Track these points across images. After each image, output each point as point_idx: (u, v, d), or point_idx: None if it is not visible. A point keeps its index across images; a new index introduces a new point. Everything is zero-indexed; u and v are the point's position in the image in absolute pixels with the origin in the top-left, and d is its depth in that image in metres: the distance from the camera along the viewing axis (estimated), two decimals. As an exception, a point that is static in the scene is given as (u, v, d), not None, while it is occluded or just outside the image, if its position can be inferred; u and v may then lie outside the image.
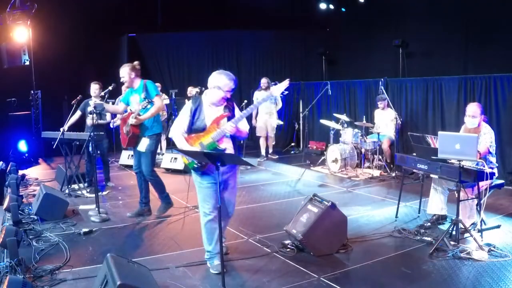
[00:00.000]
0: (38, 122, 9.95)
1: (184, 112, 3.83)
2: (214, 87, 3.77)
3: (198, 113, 3.79)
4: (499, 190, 5.28)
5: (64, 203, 5.45)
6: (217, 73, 3.82)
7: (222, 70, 3.85)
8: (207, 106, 3.82)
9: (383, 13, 10.12)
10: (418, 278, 3.68)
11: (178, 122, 3.83)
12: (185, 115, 3.81)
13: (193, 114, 3.79)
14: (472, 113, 4.69)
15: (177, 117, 3.91)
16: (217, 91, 3.76)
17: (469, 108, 4.75)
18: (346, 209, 5.45)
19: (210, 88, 3.81)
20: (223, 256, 3.43)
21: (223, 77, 3.77)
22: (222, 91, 3.76)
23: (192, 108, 3.81)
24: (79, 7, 9.91)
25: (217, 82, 3.77)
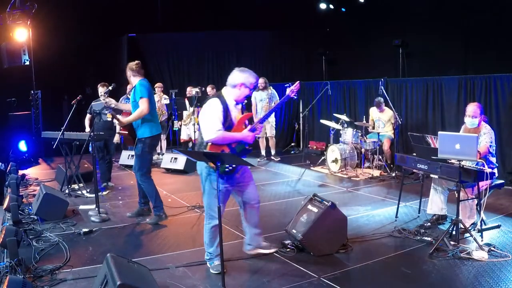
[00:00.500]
0: (38, 122, 9.95)
1: (214, 112, 3.66)
2: (240, 84, 3.72)
3: (226, 113, 3.71)
4: (499, 190, 5.29)
5: (64, 203, 5.45)
6: (241, 71, 3.76)
7: (244, 68, 3.81)
8: (232, 106, 3.77)
9: (383, 13, 10.12)
10: (418, 278, 3.68)
11: (212, 123, 3.63)
12: (217, 115, 3.66)
13: (223, 114, 3.69)
14: (472, 113, 4.69)
15: (206, 119, 3.68)
16: (244, 89, 3.73)
17: (469, 108, 4.75)
18: (346, 209, 5.45)
19: (234, 85, 3.74)
20: (223, 256, 3.42)
21: (247, 74, 3.74)
22: (248, 88, 3.74)
23: (222, 108, 3.68)
24: (79, 7, 9.92)
25: (242, 79, 3.72)
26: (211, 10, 11.86)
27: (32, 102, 9.85)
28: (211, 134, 3.63)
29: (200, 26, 11.76)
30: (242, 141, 3.78)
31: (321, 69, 12.16)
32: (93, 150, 5.67)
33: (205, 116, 3.70)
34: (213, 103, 3.71)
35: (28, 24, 8.88)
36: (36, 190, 6.42)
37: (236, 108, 3.80)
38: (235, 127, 3.76)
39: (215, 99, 3.73)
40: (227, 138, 3.69)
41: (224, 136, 3.66)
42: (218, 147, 3.69)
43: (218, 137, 3.64)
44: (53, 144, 6.43)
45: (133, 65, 5.26)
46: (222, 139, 3.66)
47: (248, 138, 3.76)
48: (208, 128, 3.65)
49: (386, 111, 7.94)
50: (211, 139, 3.65)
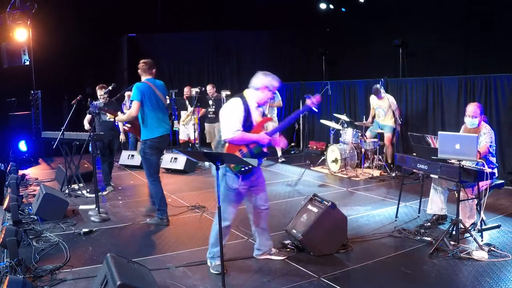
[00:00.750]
0: (38, 122, 9.95)
1: (235, 112, 3.68)
2: (264, 87, 3.75)
3: (247, 114, 3.72)
4: (499, 190, 5.29)
5: (64, 203, 5.45)
6: (264, 74, 3.79)
7: (267, 71, 3.84)
8: (254, 108, 3.79)
9: (383, 13, 10.12)
10: (418, 278, 3.68)
11: (232, 123, 3.65)
12: (237, 115, 3.67)
13: (244, 115, 3.70)
14: (471, 113, 4.69)
15: (225, 119, 3.71)
16: (267, 92, 3.77)
17: (468, 108, 4.75)
18: (346, 209, 5.45)
19: (257, 88, 3.76)
20: (223, 256, 3.42)
21: (271, 78, 3.78)
22: (271, 92, 3.79)
23: (243, 108, 3.70)
24: (79, 7, 9.92)
25: (266, 82, 3.75)
26: (211, 10, 11.86)
27: (32, 102, 9.86)
28: (229, 133, 3.65)
29: (200, 26, 11.76)
30: (259, 143, 3.78)
31: (321, 69, 12.16)
32: (93, 150, 5.66)
33: (225, 115, 3.73)
34: (234, 103, 3.74)
35: (28, 24, 8.88)
36: (36, 190, 6.42)
37: (257, 111, 3.83)
38: (254, 129, 3.78)
39: (237, 99, 3.76)
40: (245, 139, 3.71)
41: (242, 136, 3.68)
42: (236, 146, 3.71)
43: (236, 137, 3.66)
44: (53, 144, 6.42)
45: (140, 64, 5.20)
46: (240, 139, 3.68)
47: (264, 140, 3.76)
48: (227, 127, 3.67)
49: (386, 98, 7.88)
50: (229, 138, 3.67)
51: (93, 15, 10.14)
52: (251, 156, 3.74)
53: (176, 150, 7.01)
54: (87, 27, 10.17)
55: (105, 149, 6.77)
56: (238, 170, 3.69)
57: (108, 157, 6.88)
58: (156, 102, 5.11)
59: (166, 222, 5.19)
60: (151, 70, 5.20)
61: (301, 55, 12.53)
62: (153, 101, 5.08)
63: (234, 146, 3.71)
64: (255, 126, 3.79)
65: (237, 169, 3.68)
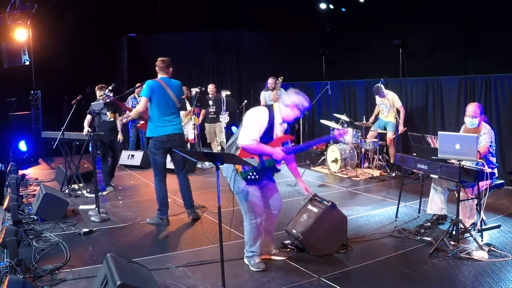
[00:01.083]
0: (38, 122, 9.95)
1: (258, 121, 3.70)
2: (293, 105, 3.75)
3: (270, 127, 3.75)
4: (499, 190, 5.29)
5: (64, 203, 5.45)
6: (296, 92, 3.80)
7: (299, 90, 3.84)
8: (278, 122, 3.80)
9: (383, 13, 10.11)
10: (418, 278, 3.68)
11: (251, 131, 3.68)
12: (259, 125, 3.70)
13: (267, 127, 3.73)
14: (471, 113, 4.68)
15: (247, 125, 3.71)
16: (296, 110, 3.78)
17: (468, 108, 4.75)
18: (346, 209, 5.45)
19: (287, 105, 3.76)
20: (223, 256, 3.42)
21: (302, 97, 3.78)
22: (300, 111, 3.79)
23: (267, 120, 3.72)
24: (79, 7, 9.92)
25: (297, 100, 3.75)
26: (211, 10, 11.85)
27: (32, 102, 9.86)
28: (246, 140, 3.68)
29: (200, 26, 11.76)
30: (273, 157, 3.79)
31: (321, 69, 12.16)
32: (93, 150, 5.66)
33: (248, 121, 3.74)
34: (261, 113, 3.75)
35: (28, 24, 8.88)
36: (36, 190, 6.42)
37: (280, 126, 3.83)
38: (272, 143, 3.79)
39: (265, 109, 3.78)
40: (260, 150, 3.72)
41: (257, 146, 3.69)
42: (248, 154, 3.73)
43: (251, 145, 3.68)
44: (53, 144, 6.42)
45: (157, 62, 5.18)
46: (254, 148, 3.70)
47: (279, 156, 3.77)
48: (246, 134, 3.69)
49: (388, 94, 7.87)
50: (243, 145, 3.69)
51: (93, 15, 10.14)
52: (261, 167, 3.77)
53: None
54: (87, 27, 10.17)
55: (106, 150, 6.77)
56: (244, 177, 3.72)
57: (110, 157, 6.90)
58: (164, 101, 5.08)
59: (166, 223, 5.18)
60: (168, 69, 5.19)
61: (301, 55, 12.53)
62: (161, 100, 5.06)
63: (247, 153, 3.72)
64: (274, 140, 3.81)
65: (244, 176, 3.72)
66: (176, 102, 5.22)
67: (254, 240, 3.88)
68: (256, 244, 3.89)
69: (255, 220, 3.82)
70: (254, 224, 3.83)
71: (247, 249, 3.97)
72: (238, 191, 3.79)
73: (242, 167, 3.70)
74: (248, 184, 3.76)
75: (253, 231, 3.85)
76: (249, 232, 3.88)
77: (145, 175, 8.13)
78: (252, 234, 3.87)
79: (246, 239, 3.95)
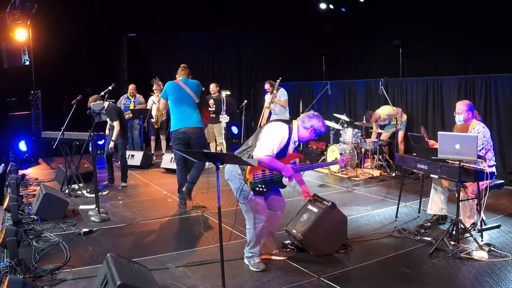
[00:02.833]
0: (38, 122, 9.95)
1: (278, 137, 3.75)
2: (312, 129, 3.85)
3: (287, 144, 3.82)
4: (499, 190, 5.29)
5: (64, 203, 5.45)
6: (317, 117, 3.87)
7: (320, 115, 3.92)
8: (293, 140, 3.88)
9: (383, 13, 10.11)
10: (418, 278, 3.68)
11: (269, 146, 3.72)
12: (278, 141, 3.75)
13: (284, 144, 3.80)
14: (457, 110, 4.75)
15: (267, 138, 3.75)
16: (313, 134, 3.88)
17: (456, 105, 4.80)
18: (346, 209, 5.45)
19: (306, 127, 3.85)
20: (223, 256, 3.42)
21: (321, 124, 3.86)
22: (315, 135, 3.89)
23: (287, 137, 3.80)
24: (79, 7, 9.91)
25: (316, 125, 3.84)
26: (211, 10, 11.85)
27: (32, 102, 9.86)
28: (263, 154, 3.71)
29: (200, 26, 11.76)
30: (282, 173, 3.87)
31: (321, 69, 12.16)
32: (93, 150, 5.66)
33: (268, 135, 3.77)
34: (283, 130, 3.80)
35: (28, 24, 8.88)
36: (36, 190, 6.42)
37: (293, 144, 3.93)
38: (284, 159, 3.88)
39: (286, 127, 3.82)
40: (271, 164, 3.78)
41: (271, 161, 3.75)
42: (260, 166, 3.78)
43: (266, 160, 3.73)
44: (53, 144, 6.43)
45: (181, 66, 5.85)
46: (267, 162, 3.75)
47: (288, 173, 3.85)
48: (264, 148, 3.73)
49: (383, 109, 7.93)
50: (259, 158, 3.71)
51: (93, 15, 10.13)
52: (270, 181, 3.85)
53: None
54: (87, 27, 10.16)
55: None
56: (252, 188, 3.75)
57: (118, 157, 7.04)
58: (180, 97, 5.58)
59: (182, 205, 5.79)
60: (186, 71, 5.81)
61: (301, 55, 12.53)
62: (177, 97, 5.58)
63: (259, 165, 3.76)
64: (286, 157, 3.89)
65: (252, 186, 3.75)
66: (194, 98, 5.67)
67: (256, 243, 3.91)
68: (257, 246, 3.92)
69: (260, 224, 3.85)
70: (259, 228, 3.86)
71: (247, 250, 3.98)
72: (243, 200, 3.80)
73: (253, 177, 3.74)
74: (255, 195, 3.79)
75: (256, 234, 3.88)
76: (252, 235, 3.90)
77: (145, 175, 8.14)
78: (254, 237, 3.89)
79: (249, 241, 3.96)
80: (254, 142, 3.82)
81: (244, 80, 12.52)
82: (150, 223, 5.29)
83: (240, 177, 3.75)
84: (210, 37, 12.12)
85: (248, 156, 3.76)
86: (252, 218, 3.86)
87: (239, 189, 3.76)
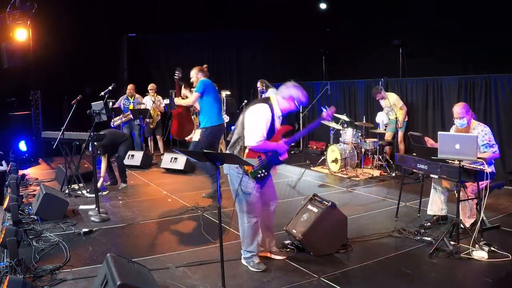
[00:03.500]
0: (38, 122, 9.95)
1: (263, 119, 3.70)
2: (291, 98, 3.79)
3: (272, 121, 3.77)
4: (499, 190, 5.29)
5: (64, 203, 5.45)
6: (295, 86, 3.83)
7: (299, 85, 3.88)
8: (278, 115, 3.83)
9: (383, 13, 10.11)
10: (418, 278, 3.68)
11: (258, 131, 3.67)
12: (264, 123, 3.70)
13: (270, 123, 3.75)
14: (458, 115, 4.76)
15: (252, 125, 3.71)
16: (292, 103, 3.82)
17: (454, 110, 4.83)
18: (346, 209, 5.44)
19: (284, 97, 3.80)
20: (223, 256, 3.42)
21: (301, 92, 3.82)
22: (295, 105, 3.83)
23: (270, 116, 3.74)
24: (79, 7, 9.91)
25: (294, 94, 3.79)
26: (211, 10, 11.85)
27: (32, 102, 9.86)
28: (254, 141, 3.68)
29: (200, 26, 11.76)
30: (278, 151, 3.83)
31: (321, 69, 12.16)
32: (93, 150, 5.66)
33: (253, 121, 3.72)
34: (263, 110, 3.73)
35: (28, 24, 8.88)
36: (36, 190, 6.42)
37: (279, 119, 3.87)
38: (274, 136, 3.83)
39: (265, 106, 3.76)
40: (266, 147, 3.75)
41: (264, 145, 3.71)
42: (256, 153, 3.75)
43: (260, 145, 3.69)
44: (53, 144, 6.42)
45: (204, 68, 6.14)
46: (262, 148, 3.72)
47: (283, 149, 3.83)
48: (253, 134, 3.68)
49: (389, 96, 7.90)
50: (253, 146, 3.69)
51: (93, 15, 10.13)
52: (268, 163, 3.81)
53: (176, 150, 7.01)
54: (87, 27, 10.16)
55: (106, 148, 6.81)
56: (254, 176, 3.75)
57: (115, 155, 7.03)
58: (216, 95, 6.04)
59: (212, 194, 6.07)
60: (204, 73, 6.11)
61: (301, 55, 12.53)
62: (215, 95, 5.99)
63: (254, 153, 3.74)
64: (275, 134, 3.83)
65: (254, 175, 3.75)
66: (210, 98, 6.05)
67: (251, 240, 3.88)
68: (253, 243, 3.89)
69: (253, 220, 3.84)
70: (252, 223, 3.84)
71: (244, 250, 3.95)
72: (246, 191, 3.76)
73: (252, 167, 3.72)
74: (257, 183, 3.79)
75: (250, 230, 3.86)
76: (246, 232, 3.88)
77: (145, 175, 8.14)
78: (249, 233, 3.87)
79: (242, 239, 3.94)
80: (241, 132, 3.78)
81: (244, 80, 12.52)
82: (150, 223, 5.29)
83: (239, 170, 3.74)
84: (210, 37, 12.11)
85: (240, 147, 3.75)
86: (244, 213, 3.84)
87: (239, 182, 3.73)
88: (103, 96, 5.77)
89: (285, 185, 7.18)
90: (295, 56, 12.50)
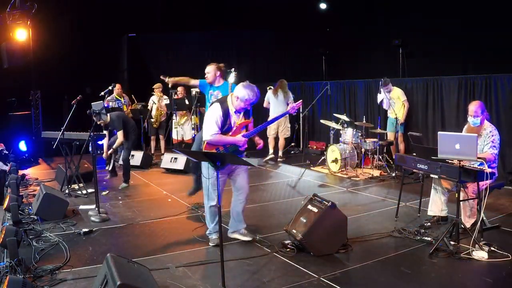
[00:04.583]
0: (38, 122, 9.95)
1: (213, 116, 4.14)
2: (238, 98, 4.17)
3: (225, 118, 4.17)
4: (499, 190, 5.29)
5: (64, 203, 5.45)
6: (244, 86, 4.19)
7: (248, 84, 4.24)
8: (233, 111, 4.22)
9: (383, 13, 10.11)
10: (418, 278, 3.68)
11: (210, 126, 4.13)
12: (215, 119, 4.13)
13: (222, 119, 4.15)
14: (473, 113, 4.69)
15: (205, 122, 4.19)
16: (240, 102, 4.17)
17: (470, 108, 4.76)
18: (346, 209, 5.44)
19: (236, 96, 4.18)
20: (223, 256, 3.42)
21: (248, 91, 4.16)
22: (243, 103, 4.17)
23: (221, 113, 4.15)
24: (79, 7, 9.92)
25: (240, 94, 4.16)
26: (211, 9, 11.86)
27: (32, 102, 9.86)
28: (208, 135, 4.16)
29: (200, 26, 11.76)
30: (235, 144, 4.27)
31: (321, 69, 12.16)
32: (93, 150, 5.66)
33: (206, 118, 4.23)
34: (214, 108, 4.20)
35: (28, 24, 8.87)
36: (36, 190, 6.42)
37: (235, 114, 4.24)
38: (233, 131, 4.26)
39: (216, 105, 4.21)
40: (222, 141, 4.21)
41: (220, 138, 4.18)
42: (213, 146, 4.22)
43: (214, 139, 4.16)
44: (53, 144, 6.43)
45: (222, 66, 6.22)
46: (217, 141, 4.19)
47: (240, 142, 4.27)
48: (207, 130, 4.17)
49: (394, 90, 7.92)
50: (208, 140, 4.18)
51: (93, 15, 10.14)
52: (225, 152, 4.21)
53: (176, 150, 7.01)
54: (87, 27, 10.16)
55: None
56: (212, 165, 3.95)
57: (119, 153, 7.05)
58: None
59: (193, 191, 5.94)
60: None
61: (301, 55, 12.53)
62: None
63: (212, 146, 4.21)
64: (234, 128, 4.25)
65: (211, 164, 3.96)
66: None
67: (212, 220, 4.40)
68: (213, 223, 4.39)
69: (213, 204, 4.25)
70: (213, 208, 4.30)
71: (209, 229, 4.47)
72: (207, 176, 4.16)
73: None
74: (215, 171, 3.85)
75: (211, 213, 4.37)
76: (208, 214, 4.42)
77: (145, 175, 8.14)
78: (210, 215, 4.40)
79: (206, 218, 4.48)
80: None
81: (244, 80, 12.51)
82: (150, 223, 5.29)
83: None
84: (210, 37, 12.11)
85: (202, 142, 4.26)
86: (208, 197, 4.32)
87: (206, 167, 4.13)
88: (103, 96, 5.77)
89: (285, 185, 7.18)
90: (295, 56, 12.50)
